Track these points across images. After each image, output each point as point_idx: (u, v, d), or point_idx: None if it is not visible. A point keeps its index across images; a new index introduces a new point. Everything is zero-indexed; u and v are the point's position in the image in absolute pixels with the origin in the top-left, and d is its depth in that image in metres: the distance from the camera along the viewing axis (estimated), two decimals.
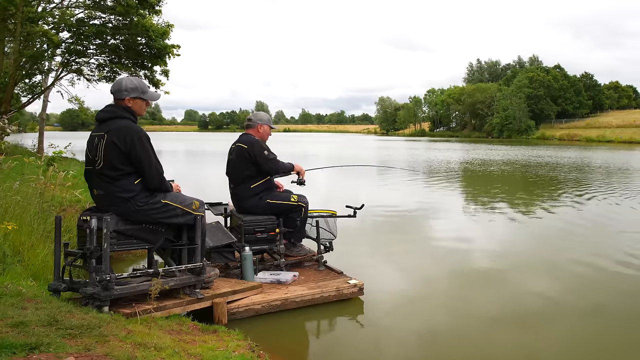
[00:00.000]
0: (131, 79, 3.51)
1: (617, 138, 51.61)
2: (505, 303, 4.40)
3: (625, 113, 69.90)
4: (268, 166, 4.65)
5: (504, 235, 7.26)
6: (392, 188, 12.87)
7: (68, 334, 2.47)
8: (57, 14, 14.20)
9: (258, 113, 4.96)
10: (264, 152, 4.64)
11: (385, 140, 63.44)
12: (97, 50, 16.01)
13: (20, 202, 5.06)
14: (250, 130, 4.85)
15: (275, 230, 4.66)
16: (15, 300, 2.87)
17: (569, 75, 77.85)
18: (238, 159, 4.70)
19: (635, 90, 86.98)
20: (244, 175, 4.67)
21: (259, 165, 4.64)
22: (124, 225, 3.36)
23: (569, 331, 3.84)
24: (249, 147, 4.64)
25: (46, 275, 3.97)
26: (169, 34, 15.23)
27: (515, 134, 68.66)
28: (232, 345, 3.08)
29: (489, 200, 10.73)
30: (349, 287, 4.31)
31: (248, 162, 4.64)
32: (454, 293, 4.68)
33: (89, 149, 3.44)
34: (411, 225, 8.06)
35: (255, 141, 4.71)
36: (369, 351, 3.46)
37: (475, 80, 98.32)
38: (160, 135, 71.31)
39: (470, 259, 5.81)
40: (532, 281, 5.03)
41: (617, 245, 6.48)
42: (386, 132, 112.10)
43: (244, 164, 4.66)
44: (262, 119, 4.88)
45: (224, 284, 4.02)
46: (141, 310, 3.24)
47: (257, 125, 4.83)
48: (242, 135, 4.88)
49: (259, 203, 4.67)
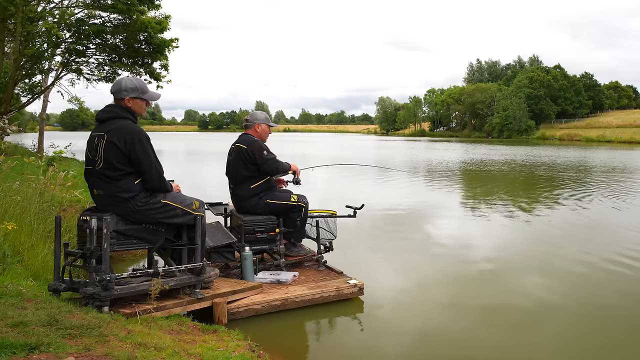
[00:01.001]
0: (131, 79, 3.51)
1: (617, 138, 51.59)
2: (505, 303, 4.40)
3: (625, 113, 69.90)
4: (267, 166, 4.64)
5: (503, 235, 7.26)
6: (392, 188, 12.86)
7: (68, 334, 2.47)
8: (57, 14, 14.19)
9: (255, 112, 4.95)
10: (263, 152, 4.63)
11: (385, 141, 63.41)
12: (97, 49, 15.99)
13: (20, 202, 5.06)
14: (248, 131, 4.85)
15: (275, 230, 4.66)
16: (15, 300, 2.87)
17: (569, 75, 77.81)
18: (237, 159, 4.69)
19: (635, 90, 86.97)
20: (244, 176, 4.66)
21: (258, 166, 4.63)
22: (124, 225, 3.36)
23: (566, 331, 3.84)
24: (248, 148, 4.64)
25: (46, 275, 3.97)
26: (167, 26, 15.17)
27: (515, 134, 68.64)
28: (232, 345, 3.08)
29: (488, 200, 10.73)
30: (349, 287, 4.31)
31: (247, 163, 4.63)
32: (453, 293, 4.68)
33: (89, 149, 3.43)
34: (411, 225, 8.06)
35: (254, 141, 4.70)
36: (369, 351, 3.45)
37: (475, 80, 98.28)
38: (160, 135, 71.31)
39: (470, 259, 5.81)
40: (531, 281, 5.03)
41: (616, 245, 6.47)
42: (386, 132, 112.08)
43: (243, 164, 4.65)
44: (258, 118, 4.87)
45: (224, 284, 4.02)
46: (141, 310, 3.24)
47: (254, 125, 4.83)
48: (241, 135, 4.88)
49: (258, 203, 4.67)
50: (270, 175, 4.78)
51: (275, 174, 4.79)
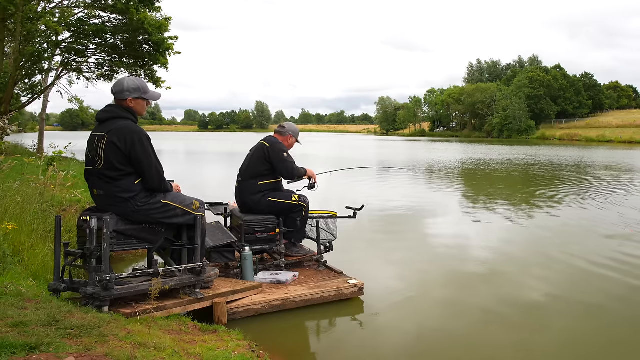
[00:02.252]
0: (133, 79, 3.51)
1: (617, 138, 51.59)
2: (505, 302, 4.40)
3: (625, 113, 69.91)
4: (284, 167, 4.74)
5: (503, 235, 7.26)
6: (392, 188, 12.86)
7: (68, 334, 2.47)
8: (57, 12, 14.18)
9: (292, 125, 5.12)
10: (283, 154, 4.77)
11: (385, 141, 63.39)
12: (97, 49, 15.98)
13: (20, 202, 5.06)
14: (280, 137, 4.98)
15: (275, 230, 4.67)
16: (15, 300, 2.87)
17: (569, 75, 77.80)
18: (257, 154, 4.82)
19: (635, 90, 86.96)
20: (256, 171, 4.74)
21: (275, 165, 4.73)
22: (124, 225, 3.36)
23: (566, 331, 3.84)
24: (271, 146, 4.79)
25: (46, 275, 3.97)
26: (167, 27, 15.16)
27: (515, 134, 68.63)
28: (232, 345, 3.08)
29: (488, 201, 10.73)
30: (349, 287, 4.31)
31: (265, 160, 4.76)
32: (453, 293, 4.68)
33: (89, 149, 3.43)
34: (411, 226, 8.06)
35: (278, 142, 4.88)
36: (368, 351, 3.46)
37: (475, 80, 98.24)
38: (160, 135, 71.28)
39: (470, 259, 5.81)
40: (532, 281, 5.03)
41: (615, 245, 6.47)
42: (386, 132, 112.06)
43: (261, 160, 4.77)
44: (294, 131, 5.05)
45: (224, 284, 4.02)
46: (141, 310, 3.24)
47: (287, 135, 5.00)
48: (269, 136, 5.02)
49: (261, 200, 4.69)
50: (286, 178, 4.87)
51: (291, 177, 4.85)
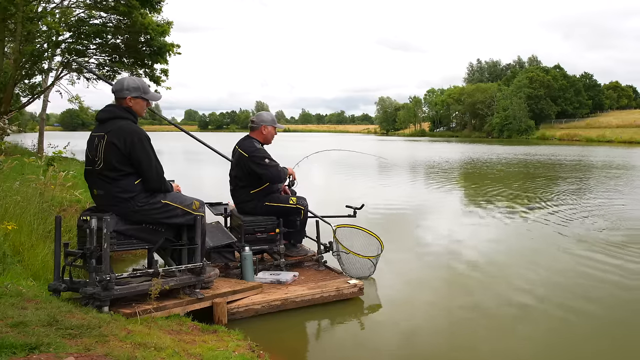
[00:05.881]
0: (133, 79, 3.51)
1: (617, 138, 51.56)
2: (504, 303, 4.40)
3: (625, 113, 69.85)
4: (270, 173, 4.52)
5: (502, 237, 7.26)
6: (392, 188, 12.86)
7: (68, 334, 2.47)
8: (57, 12, 14.17)
9: (261, 114, 4.79)
10: (264, 160, 4.52)
11: (385, 140, 63.35)
12: (97, 49, 15.98)
13: (20, 202, 5.06)
14: (254, 133, 4.73)
15: (275, 230, 4.66)
16: (15, 300, 2.87)
17: (569, 75, 77.73)
18: (240, 166, 4.61)
19: (635, 90, 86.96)
20: (246, 182, 4.62)
21: (260, 175, 4.54)
22: (124, 225, 3.36)
23: (567, 331, 3.84)
24: (250, 157, 4.53)
25: (46, 275, 3.97)
26: (168, 32, 15.18)
27: (515, 134, 68.58)
28: (232, 345, 3.08)
29: (488, 201, 10.72)
30: (349, 287, 4.31)
31: (249, 173, 4.56)
32: (453, 293, 4.68)
33: (89, 149, 3.43)
34: (410, 226, 8.05)
35: (255, 149, 4.58)
36: (368, 351, 3.46)
37: (475, 80, 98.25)
38: (160, 135, 71.19)
39: (470, 260, 5.81)
40: (532, 281, 5.02)
41: (613, 246, 6.47)
42: (386, 132, 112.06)
43: (243, 174, 4.59)
44: (265, 119, 4.72)
45: (224, 284, 4.02)
46: (141, 310, 3.24)
47: (260, 127, 4.70)
48: (244, 138, 4.74)
49: (257, 205, 4.65)
50: (274, 184, 4.67)
51: (279, 182, 4.68)
